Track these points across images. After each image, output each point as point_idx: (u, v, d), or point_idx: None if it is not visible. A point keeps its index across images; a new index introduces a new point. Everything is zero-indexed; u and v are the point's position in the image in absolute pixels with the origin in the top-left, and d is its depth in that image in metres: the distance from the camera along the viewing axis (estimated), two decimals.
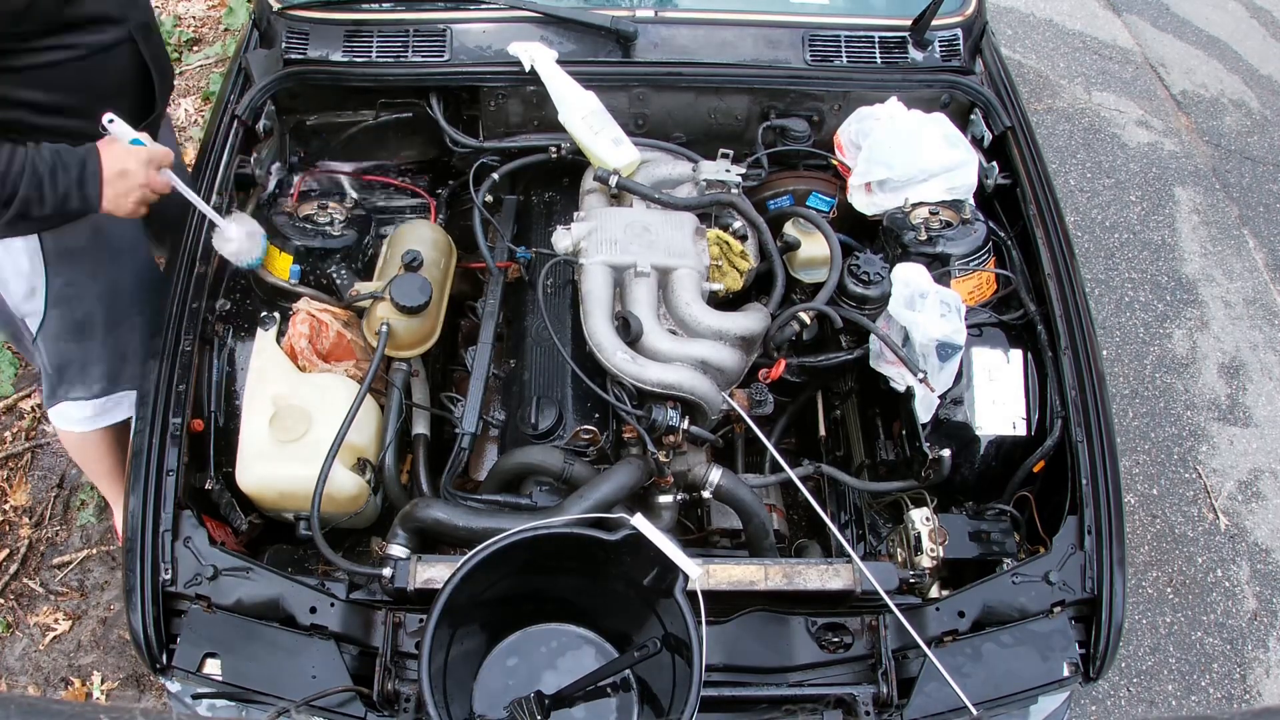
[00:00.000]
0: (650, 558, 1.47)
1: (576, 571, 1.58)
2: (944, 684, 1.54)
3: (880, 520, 2.14)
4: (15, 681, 2.55)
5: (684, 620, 1.43)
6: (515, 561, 1.53)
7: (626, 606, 1.60)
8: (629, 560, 1.51)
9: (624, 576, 1.55)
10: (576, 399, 1.99)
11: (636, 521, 1.46)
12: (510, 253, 2.18)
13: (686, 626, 1.42)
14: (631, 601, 1.58)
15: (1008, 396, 1.95)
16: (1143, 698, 2.78)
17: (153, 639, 1.55)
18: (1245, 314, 3.80)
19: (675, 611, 1.46)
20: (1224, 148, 4.48)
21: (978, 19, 2.33)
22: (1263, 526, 3.18)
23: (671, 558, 1.44)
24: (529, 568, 1.57)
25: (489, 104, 2.29)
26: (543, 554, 1.55)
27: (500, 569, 1.52)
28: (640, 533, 1.45)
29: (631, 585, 1.55)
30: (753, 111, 2.33)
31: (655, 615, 1.56)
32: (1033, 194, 2.15)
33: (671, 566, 1.45)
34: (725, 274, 2.06)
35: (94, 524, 2.82)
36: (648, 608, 1.57)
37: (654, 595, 1.53)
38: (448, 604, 1.43)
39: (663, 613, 1.54)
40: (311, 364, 1.96)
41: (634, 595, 1.57)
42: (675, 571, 1.45)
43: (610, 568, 1.55)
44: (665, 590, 1.48)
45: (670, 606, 1.48)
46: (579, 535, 1.51)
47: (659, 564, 1.47)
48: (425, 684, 1.35)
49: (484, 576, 1.49)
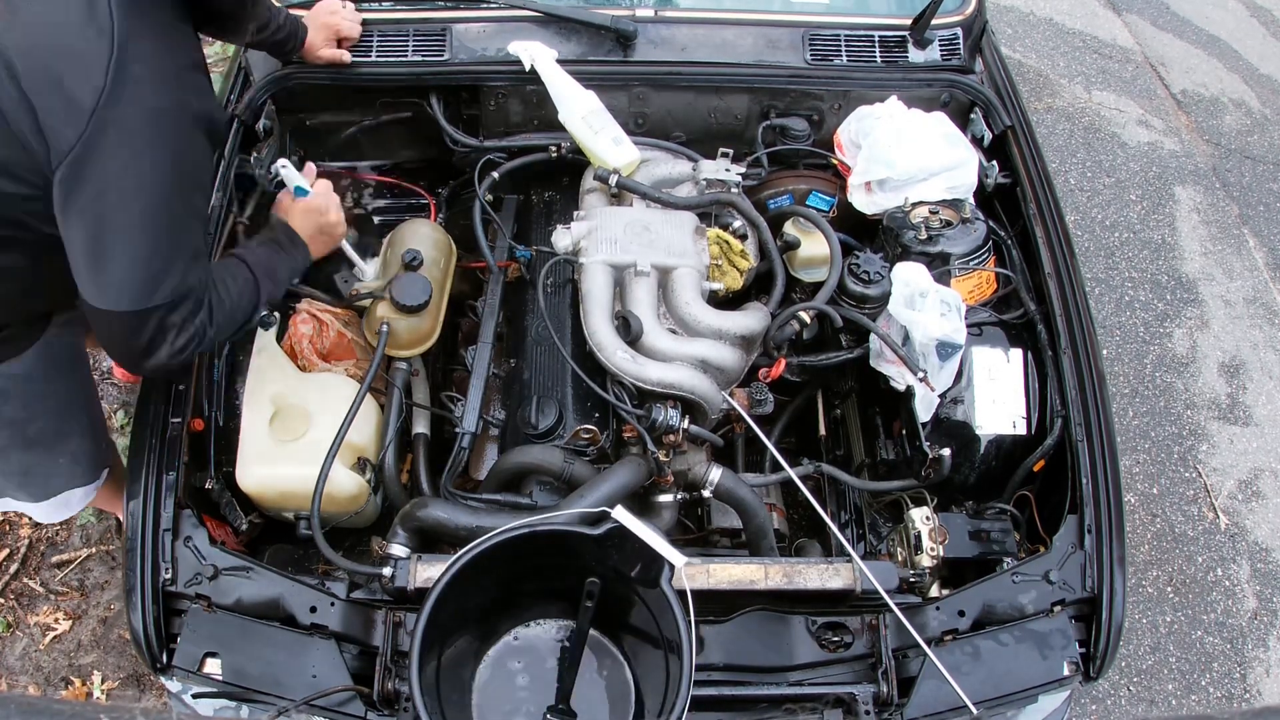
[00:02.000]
0: (636, 550, 1.47)
1: (566, 568, 1.58)
2: (944, 683, 1.54)
3: (880, 520, 2.14)
4: (15, 681, 2.55)
5: (672, 612, 1.42)
6: (506, 560, 1.53)
7: (619, 597, 1.60)
8: (615, 555, 1.51)
9: (612, 570, 1.55)
10: (576, 398, 1.99)
11: (618, 514, 1.45)
12: (510, 251, 2.19)
13: (675, 618, 1.41)
14: (623, 594, 1.58)
15: (1008, 395, 1.95)
16: (1143, 697, 2.78)
17: (153, 638, 1.55)
18: (1245, 313, 3.80)
19: (665, 605, 1.45)
20: (1224, 147, 4.48)
21: (978, 18, 2.32)
22: (1263, 526, 3.18)
23: (655, 548, 1.43)
24: (521, 566, 1.57)
25: (489, 103, 2.29)
26: (533, 552, 1.55)
27: (492, 568, 1.52)
28: (623, 525, 1.45)
29: (620, 578, 1.55)
30: (753, 111, 2.33)
31: (649, 610, 1.55)
32: (1033, 193, 2.15)
33: (656, 558, 1.44)
34: (725, 273, 2.06)
35: (94, 524, 2.82)
36: (642, 602, 1.56)
37: (641, 587, 1.52)
38: (439, 607, 1.42)
39: (654, 607, 1.54)
40: (311, 363, 1.97)
41: (625, 588, 1.57)
42: (660, 562, 1.44)
43: (597, 563, 1.55)
44: (651, 581, 1.47)
45: (660, 600, 1.47)
46: (563, 531, 1.51)
47: (644, 556, 1.47)
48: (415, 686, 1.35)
49: (475, 576, 1.49)
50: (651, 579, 1.47)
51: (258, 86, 2.15)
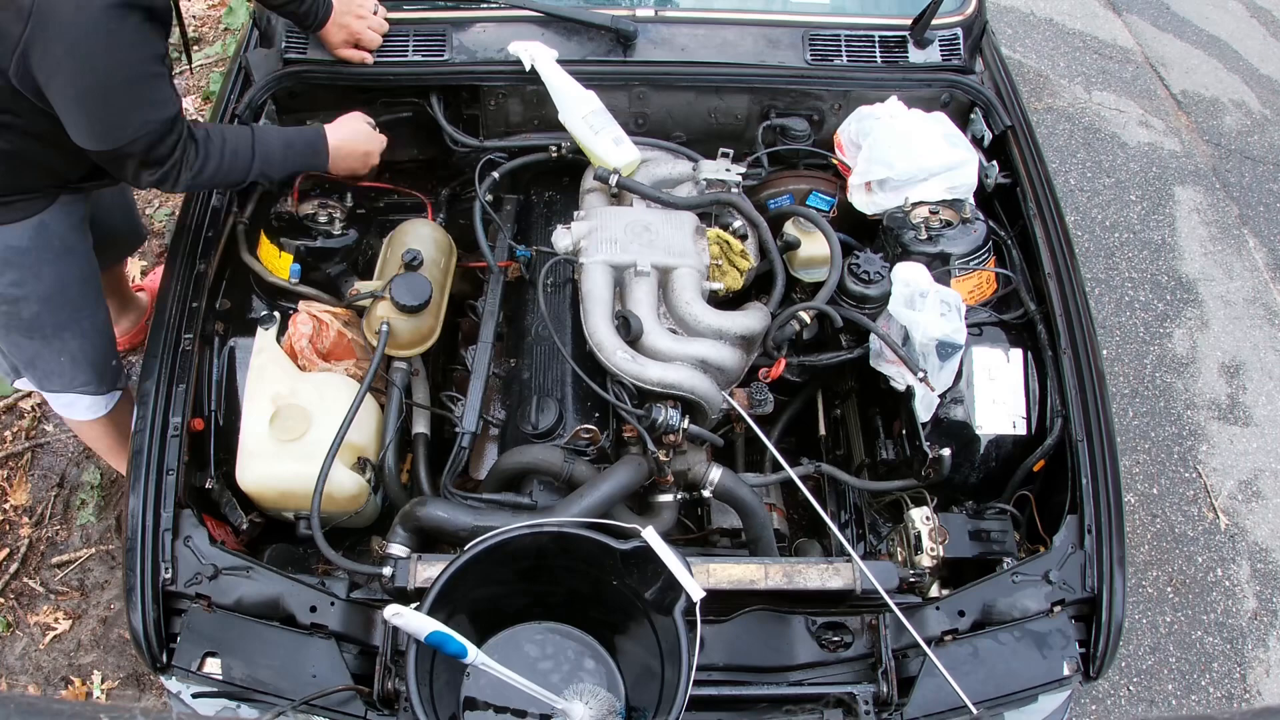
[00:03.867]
0: (657, 573, 1.46)
1: (575, 570, 1.58)
2: (944, 683, 1.54)
3: (880, 519, 2.14)
4: (15, 681, 2.55)
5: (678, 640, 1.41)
6: (511, 560, 1.53)
7: (622, 605, 1.60)
8: (636, 573, 1.50)
9: (626, 584, 1.55)
10: (576, 398, 1.99)
11: (648, 535, 1.45)
12: (511, 251, 2.19)
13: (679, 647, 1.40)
14: (628, 602, 1.58)
15: (1008, 395, 1.95)
16: (1143, 697, 2.78)
17: (153, 638, 1.55)
18: (1245, 314, 3.80)
19: (671, 631, 1.44)
20: (1224, 147, 4.48)
21: (978, 18, 2.32)
22: (1263, 526, 3.18)
23: (678, 577, 1.42)
24: (525, 567, 1.57)
25: (489, 103, 2.29)
26: (542, 553, 1.55)
27: (497, 567, 1.52)
28: (650, 547, 1.44)
29: (632, 592, 1.54)
30: (753, 111, 2.33)
31: (650, 622, 1.55)
32: (1033, 193, 2.15)
33: (675, 586, 1.43)
34: (725, 273, 2.06)
35: (94, 523, 2.82)
36: (643, 613, 1.56)
37: (655, 612, 1.52)
38: (443, 599, 1.42)
39: (658, 624, 1.53)
40: (311, 363, 1.97)
41: (632, 597, 1.56)
42: (678, 591, 1.44)
43: (613, 576, 1.54)
44: (665, 608, 1.46)
45: (667, 623, 1.47)
46: (586, 538, 1.50)
47: (664, 582, 1.46)
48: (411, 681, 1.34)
49: (481, 573, 1.49)
50: (666, 606, 1.46)
51: (258, 86, 2.15)
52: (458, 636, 1.38)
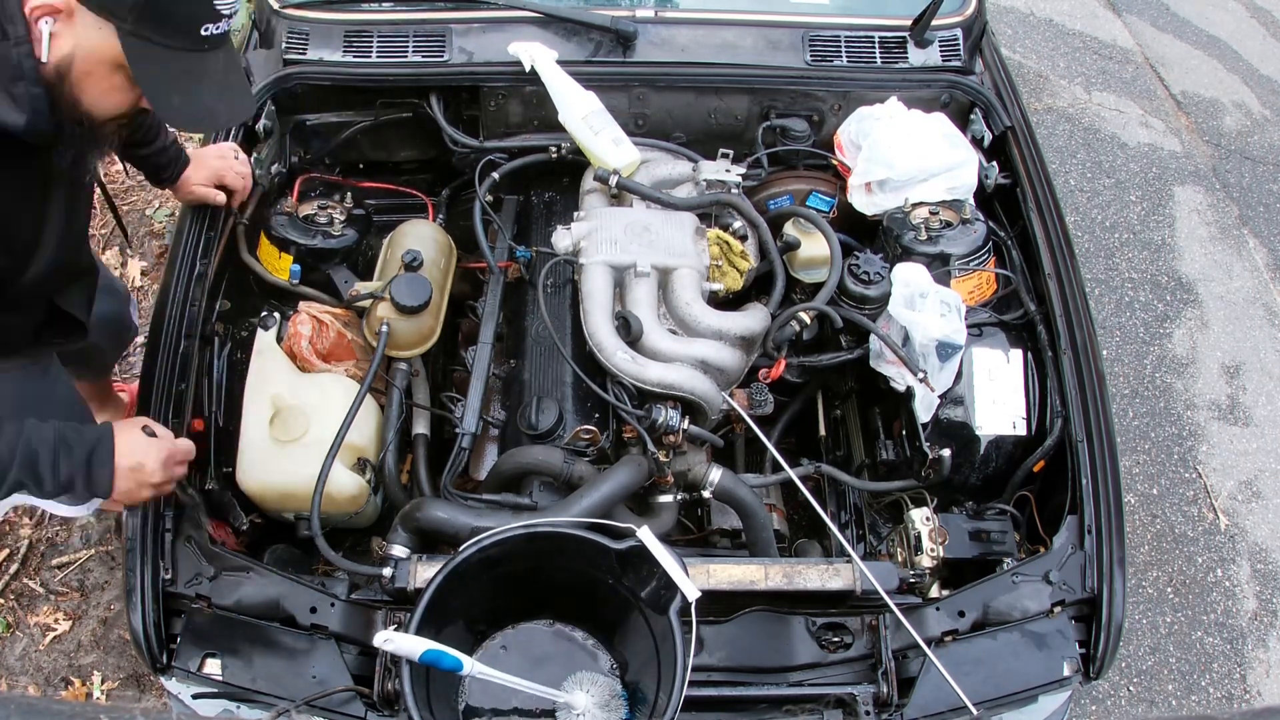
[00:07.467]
0: (652, 574, 1.46)
1: (572, 571, 1.58)
2: (944, 684, 1.54)
3: (880, 520, 2.14)
4: (15, 681, 2.55)
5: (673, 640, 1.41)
6: (508, 562, 1.53)
7: (619, 604, 1.60)
8: (631, 573, 1.50)
9: (622, 584, 1.55)
10: (576, 399, 1.99)
11: (643, 534, 1.45)
12: (510, 252, 2.19)
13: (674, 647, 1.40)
14: (626, 602, 1.58)
15: (1008, 396, 1.95)
16: (1143, 697, 2.78)
17: (153, 639, 1.55)
18: (1245, 314, 3.80)
19: (667, 630, 1.44)
20: (1224, 148, 4.48)
21: (978, 19, 2.33)
22: (1263, 526, 3.18)
23: (673, 577, 1.42)
24: (522, 568, 1.57)
25: (489, 104, 2.29)
26: (539, 554, 1.54)
27: (490, 571, 1.52)
28: (645, 546, 1.44)
29: (628, 591, 1.54)
30: (753, 111, 2.33)
31: (647, 622, 1.55)
32: (1033, 194, 2.15)
33: (671, 586, 1.43)
34: (725, 274, 2.06)
35: (94, 524, 2.82)
36: (640, 613, 1.56)
37: (649, 610, 1.52)
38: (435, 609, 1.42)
39: (653, 623, 1.53)
40: (311, 364, 1.96)
41: (629, 597, 1.56)
42: (674, 591, 1.44)
43: (610, 575, 1.54)
44: (661, 608, 1.47)
45: (663, 623, 1.47)
46: (581, 538, 1.51)
47: (660, 582, 1.46)
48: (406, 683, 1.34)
49: (474, 578, 1.49)
50: (662, 605, 1.46)
51: (258, 87, 2.15)
52: (451, 651, 1.35)
